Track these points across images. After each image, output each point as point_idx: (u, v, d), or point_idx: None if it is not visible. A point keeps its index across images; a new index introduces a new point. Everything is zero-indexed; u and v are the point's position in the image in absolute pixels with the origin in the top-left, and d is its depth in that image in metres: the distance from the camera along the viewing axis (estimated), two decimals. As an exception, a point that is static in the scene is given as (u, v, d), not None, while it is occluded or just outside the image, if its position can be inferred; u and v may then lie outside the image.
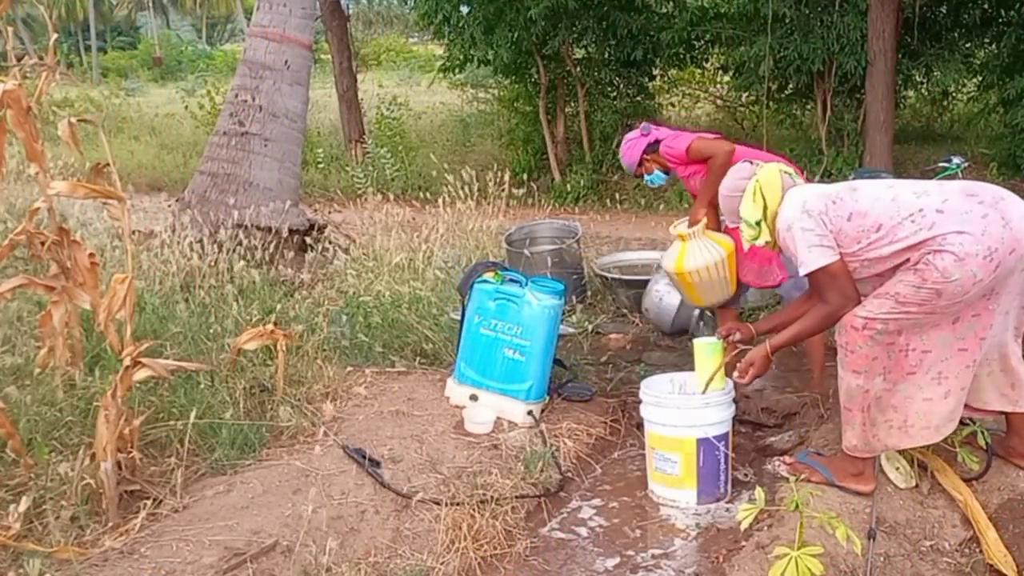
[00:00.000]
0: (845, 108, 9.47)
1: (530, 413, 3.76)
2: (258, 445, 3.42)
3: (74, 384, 3.43)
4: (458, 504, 3.07)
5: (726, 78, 11.74)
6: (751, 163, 3.26)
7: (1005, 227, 2.67)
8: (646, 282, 5.67)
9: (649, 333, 5.38)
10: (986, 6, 9.43)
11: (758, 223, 3.01)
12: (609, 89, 11.29)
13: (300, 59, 6.16)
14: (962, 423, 2.99)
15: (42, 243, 3.22)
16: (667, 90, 12.92)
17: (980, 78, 9.91)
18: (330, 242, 5.96)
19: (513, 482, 3.31)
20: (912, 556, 2.79)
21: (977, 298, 2.73)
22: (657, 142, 4.09)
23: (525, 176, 10.77)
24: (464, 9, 10.75)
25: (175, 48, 32.86)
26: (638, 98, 11.43)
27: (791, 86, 10.00)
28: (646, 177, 4.22)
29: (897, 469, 3.07)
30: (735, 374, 3.20)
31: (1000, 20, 9.38)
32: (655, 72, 11.73)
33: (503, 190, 6.25)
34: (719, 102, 12.85)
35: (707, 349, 3.36)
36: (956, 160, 6.08)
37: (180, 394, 3.51)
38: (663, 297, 5.20)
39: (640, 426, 3.69)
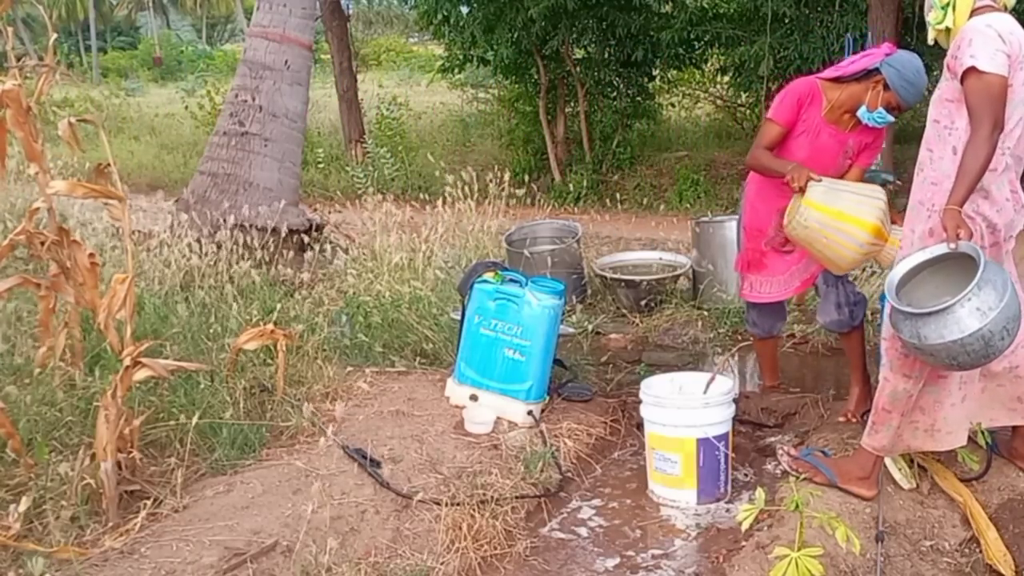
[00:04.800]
0: (845, 108, 9.46)
1: (530, 413, 3.76)
2: (258, 445, 3.42)
3: (74, 384, 3.43)
4: (458, 504, 3.07)
5: (725, 78, 11.74)
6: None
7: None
8: (646, 282, 5.66)
9: (649, 333, 5.38)
10: (986, 6, 9.41)
11: (945, 7, 2.77)
12: (609, 89, 11.29)
13: (300, 59, 6.15)
14: None
15: (42, 243, 3.22)
16: (667, 90, 12.93)
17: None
18: (330, 242, 5.96)
19: (513, 482, 3.31)
20: (912, 556, 2.79)
21: None
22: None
23: (525, 176, 10.79)
24: (464, 9, 10.76)
25: (175, 48, 32.87)
26: (638, 98, 11.44)
27: (791, 86, 10.01)
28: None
29: (900, 469, 3.07)
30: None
31: (1000, 20, 9.36)
32: (655, 72, 11.73)
33: (503, 190, 6.25)
34: (719, 102, 12.85)
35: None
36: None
37: (180, 394, 3.51)
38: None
39: (640, 426, 3.68)
